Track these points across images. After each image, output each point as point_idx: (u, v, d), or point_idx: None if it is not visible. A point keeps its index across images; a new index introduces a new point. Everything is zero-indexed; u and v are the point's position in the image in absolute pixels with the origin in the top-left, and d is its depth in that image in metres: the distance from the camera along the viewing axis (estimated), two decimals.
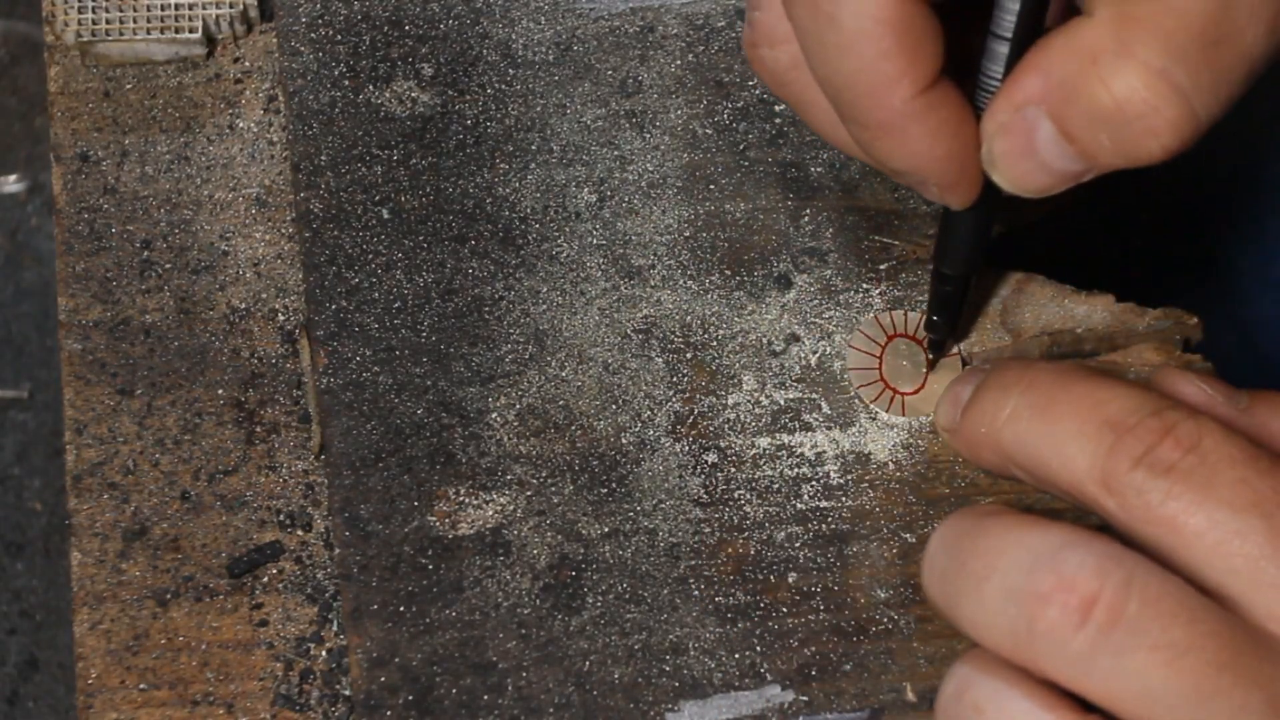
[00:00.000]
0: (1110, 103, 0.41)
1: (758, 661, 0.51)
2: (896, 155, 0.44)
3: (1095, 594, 0.38)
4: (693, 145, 0.59)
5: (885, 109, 0.43)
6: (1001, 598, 0.39)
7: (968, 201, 0.46)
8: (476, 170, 0.58)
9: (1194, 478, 0.39)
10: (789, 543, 0.53)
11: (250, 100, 0.61)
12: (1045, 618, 0.38)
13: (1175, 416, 0.40)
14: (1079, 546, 0.39)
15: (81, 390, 0.56)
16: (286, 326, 0.57)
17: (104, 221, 0.59)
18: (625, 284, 0.57)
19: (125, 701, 0.52)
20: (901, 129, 0.43)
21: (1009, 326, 0.56)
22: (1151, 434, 0.40)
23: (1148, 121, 0.41)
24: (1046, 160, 0.44)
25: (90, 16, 0.60)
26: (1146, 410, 0.40)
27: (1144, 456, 0.40)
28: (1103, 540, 0.39)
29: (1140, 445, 0.40)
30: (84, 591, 0.53)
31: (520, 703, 0.51)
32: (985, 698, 0.40)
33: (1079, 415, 0.41)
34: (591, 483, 0.54)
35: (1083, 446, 0.41)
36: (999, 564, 0.40)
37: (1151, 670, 0.37)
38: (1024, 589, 0.39)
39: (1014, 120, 0.43)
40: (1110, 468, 0.40)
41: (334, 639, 0.53)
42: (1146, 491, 0.39)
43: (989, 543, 0.40)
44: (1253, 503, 0.39)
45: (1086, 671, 0.38)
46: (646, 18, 0.61)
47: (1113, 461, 0.40)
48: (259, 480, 0.55)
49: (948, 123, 0.44)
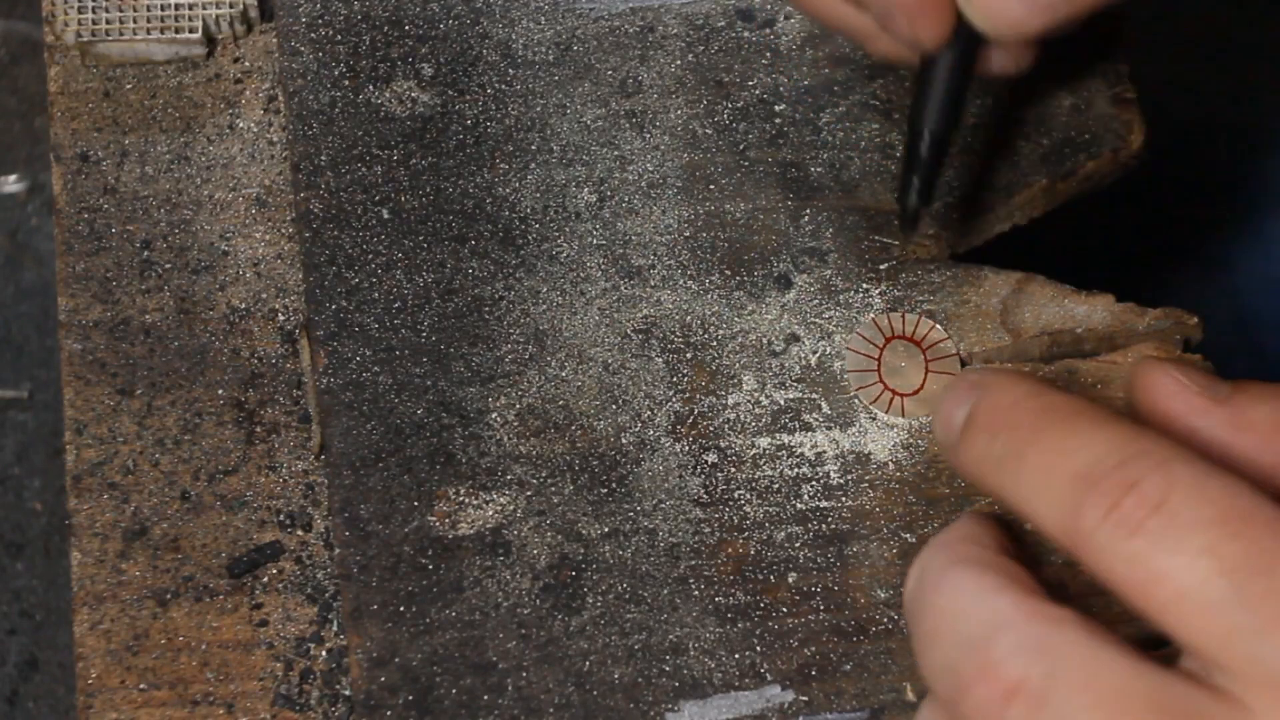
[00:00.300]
0: None
1: (758, 661, 0.51)
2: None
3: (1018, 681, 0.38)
4: (693, 145, 0.59)
5: None
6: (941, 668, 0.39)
7: (939, 33, 0.45)
8: (476, 170, 0.58)
9: (1160, 541, 0.38)
10: (789, 543, 0.53)
11: (250, 100, 0.61)
12: (971, 699, 0.38)
13: (1142, 467, 0.39)
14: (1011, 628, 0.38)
15: (81, 390, 0.56)
16: (286, 326, 0.57)
17: (104, 221, 0.59)
18: (625, 284, 0.57)
19: (125, 701, 0.52)
20: None
21: (1009, 326, 0.56)
22: (1117, 489, 0.39)
23: None
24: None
25: (90, 16, 0.60)
26: (1113, 461, 0.39)
27: (1110, 513, 0.39)
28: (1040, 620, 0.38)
29: (1106, 501, 0.39)
30: (84, 591, 0.53)
31: (520, 703, 0.51)
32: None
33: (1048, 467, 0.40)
34: (591, 483, 0.54)
35: (1052, 502, 0.40)
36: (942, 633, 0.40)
37: None
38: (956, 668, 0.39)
39: None
40: (1076, 525, 0.39)
41: (334, 639, 0.53)
42: (1111, 554, 0.38)
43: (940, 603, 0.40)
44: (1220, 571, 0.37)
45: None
46: (646, 18, 0.61)
47: (1078, 519, 0.39)
48: (259, 480, 0.55)
49: None
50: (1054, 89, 0.60)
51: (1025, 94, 0.60)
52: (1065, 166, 0.59)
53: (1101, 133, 0.59)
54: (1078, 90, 0.60)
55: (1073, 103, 0.60)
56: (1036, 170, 0.59)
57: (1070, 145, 0.59)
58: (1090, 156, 0.59)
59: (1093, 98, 0.60)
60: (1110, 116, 0.60)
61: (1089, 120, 0.59)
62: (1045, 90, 0.60)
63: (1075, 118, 0.60)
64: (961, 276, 0.57)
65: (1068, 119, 0.60)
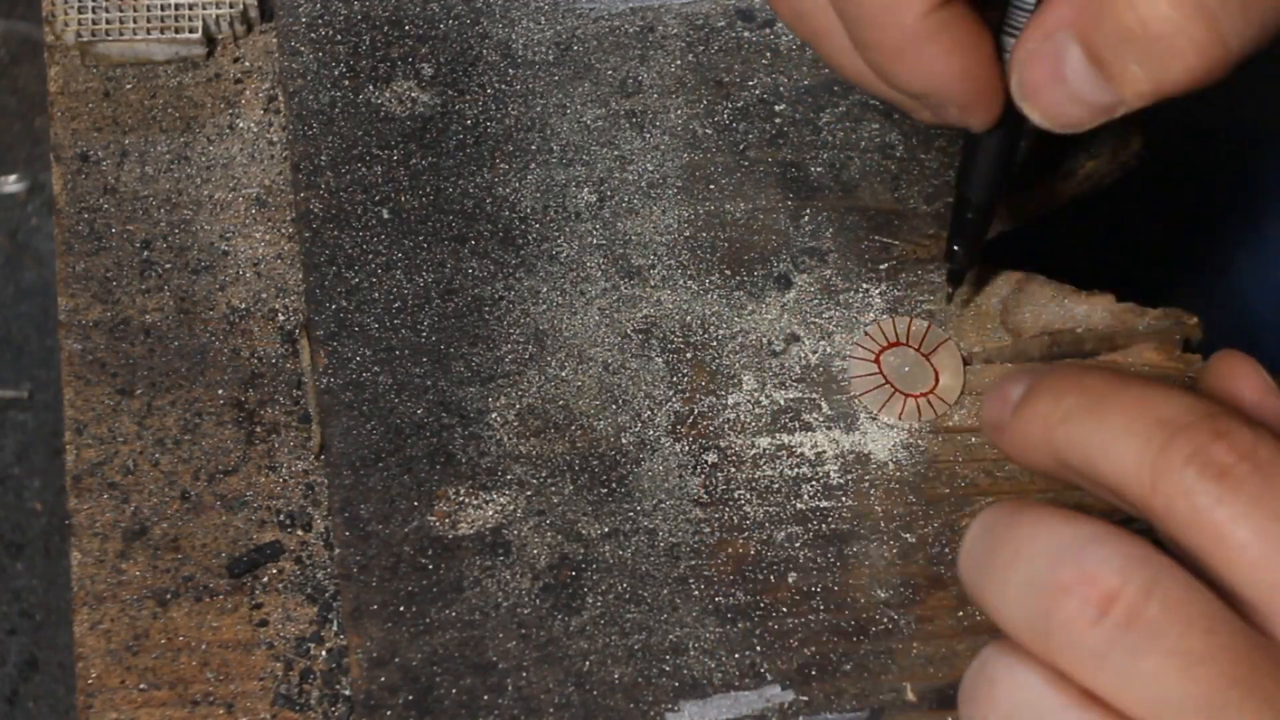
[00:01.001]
0: (1136, 23, 0.41)
1: (758, 661, 0.51)
2: (913, 76, 0.44)
3: (1116, 591, 0.38)
4: (693, 145, 0.59)
5: (898, 28, 0.43)
6: (1024, 586, 0.39)
7: (988, 122, 0.46)
8: (476, 170, 0.58)
9: (1246, 486, 0.38)
10: (789, 543, 0.53)
11: (250, 100, 0.61)
12: (1063, 609, 0.38)
13: (1231, 422, 0.39)
14: (1106, 543, 0.38)
15: (81, 390, 0.56)
16: (286, 326, 0.57)
17: (104, 221, 0.59)
18: (625, 284, 0.57)
19: (125, 701, 0.52)
20: (916, 49, 0.43)
21: (1009, 326, 0.56)
22: (1205, 434, 0.39)
23: (1173, 42, 0.41)
24: (1076, 89, 0.43)
25: (90, 16, 0.60)
26: (1202, 411, 0.39)
27: (1195, 456, 0.39)
28: (1132, 539, 0.38)
29: (1192, 444, 0.39)
30: (84, 591, 0.53)
31: (520, 703, 0.51)
32: (1001, 672, 0.40)
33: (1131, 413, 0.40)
34: (591, 483, 0.54)
35: (1132, 443, 0.40)
36: (1026, 552, 0.39)
37: (1164, 675, 0.37)
38: (1046, 579, 0.38)
39: (1043, 47, 0.43)
40: (1160, 465, 0.39)
41: (334, 639, 0.53)
42: (1195, 494, 0.38)
43: (1019, 531, 0.40)
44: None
45: (1099, 667, 0.38)
46: (646, 18, 0.61)
47: (1163, 458, 0.39)
48: (259, 480, 0.55)
49: (962, 40, 0.44)
50: None
51: None
52: (1065, 166, 0.59)
53: (1101, 133, 0.59)
54: None
55: None
56: (1037, 170, 0.59)
57: (1070, 145, 0.59)
58: (1090, 156, 0.59)
59: None
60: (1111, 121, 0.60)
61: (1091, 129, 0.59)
62: None
63: None
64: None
65: None
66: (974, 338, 0.56)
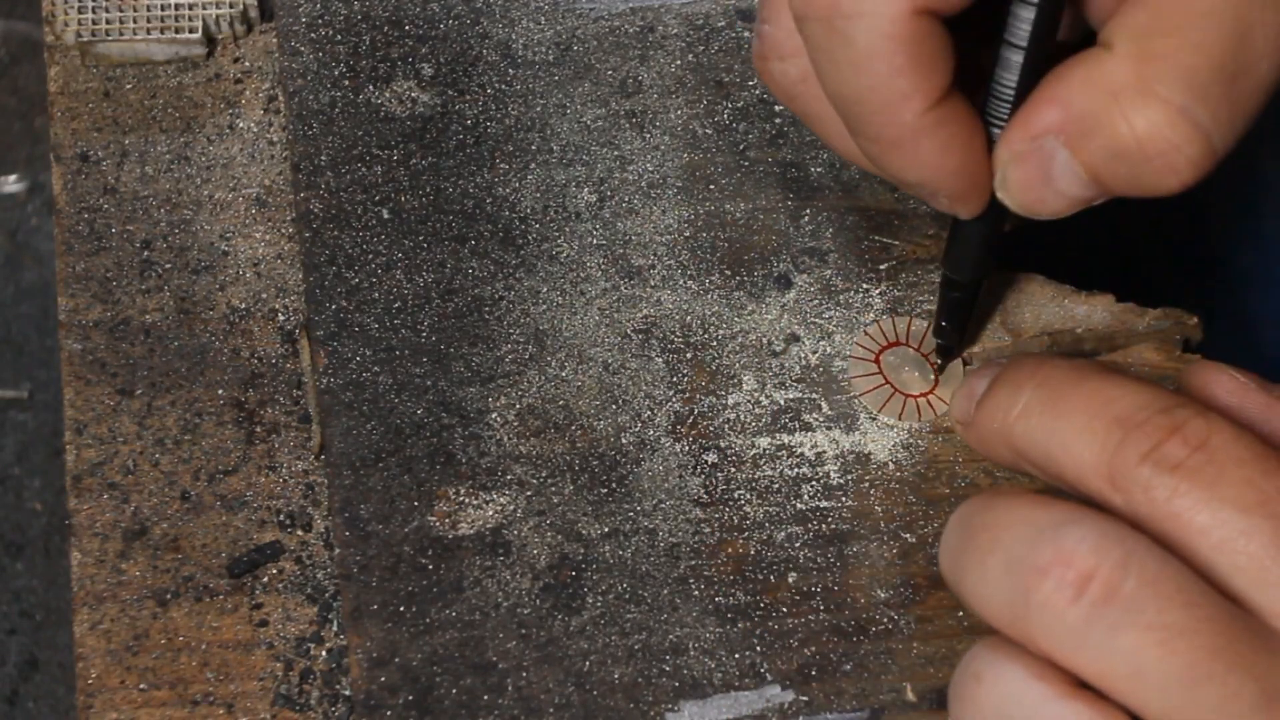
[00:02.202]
0: (1132, 140, 0.41)
1: (758, 661, 0.51)
2: (908, 169, 0.45)
3: (1092, 569, 0.38)
4: (693, 145, 0.59)
5: (897, 125, 0.43)
6: (1002, 571, 0.39)
7: (977, 211, 0.47)
8: (476, 170, 0.58)
9: (1201, 475, 0.39)
10: (789, 543, 0.53)
11: (250, 100, 0.61)
12: (1041, 590, 0.38)
13: (1184, 414, 0.40)
14: (1081, 523, 0.39)
15: (81, 390, 0.56)
16: (286, 326, 0.57)
17: (104, 221, 0.59)
18: (625, 284, 0.57)
19: (125, 701, 0.52)
20: (913, 144, 0.44)
21: (1009, 326, 0.56)
22: (1160, 430, 0.40)
23: (1169, 159, 0.41)
24: (1061, 188, 0.44)
25: (90, 16, 0.60)
26: (1156, 407, 0.40)
27: (1151, 453, 0.40)
28: (1106, 519, 0.39)
29: (1148, 441, 0.40)
30: (84, 591, 0.53)
31: (520, 703, 0.51)
32: (985, 666, 0.40)
33: (1088, 411, 0.41)
34: (591, 483, 0.54)
35: (1090, 442, 0.41)
36: (1002, 538, 0.40)
37: (1144, 650, 0.37)
38: (1023, 562, 0.39)
39: (1031, 149, 0.44)
40: (1117, 463, 0.40)
41: (334, 639, 0.53)
42: (1153, 487, 0.39)
43: (995, 517, 0.40)
44: (1259, 502, 0.38)
45: (1079, 647, 0.38)
46: (646, 18, 0.61)
47: (1120, 457, 0.40)
48: (259, 480, 0.55)
49: (958, 136, 0.44)
50: None
51: None
52: None
53: None
54: None
55: None
56: None
57: None
58: None
59: None
60: None
61: None
62: None
63: None
64: None
65: None
66: None
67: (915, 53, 0.42)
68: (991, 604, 0.40)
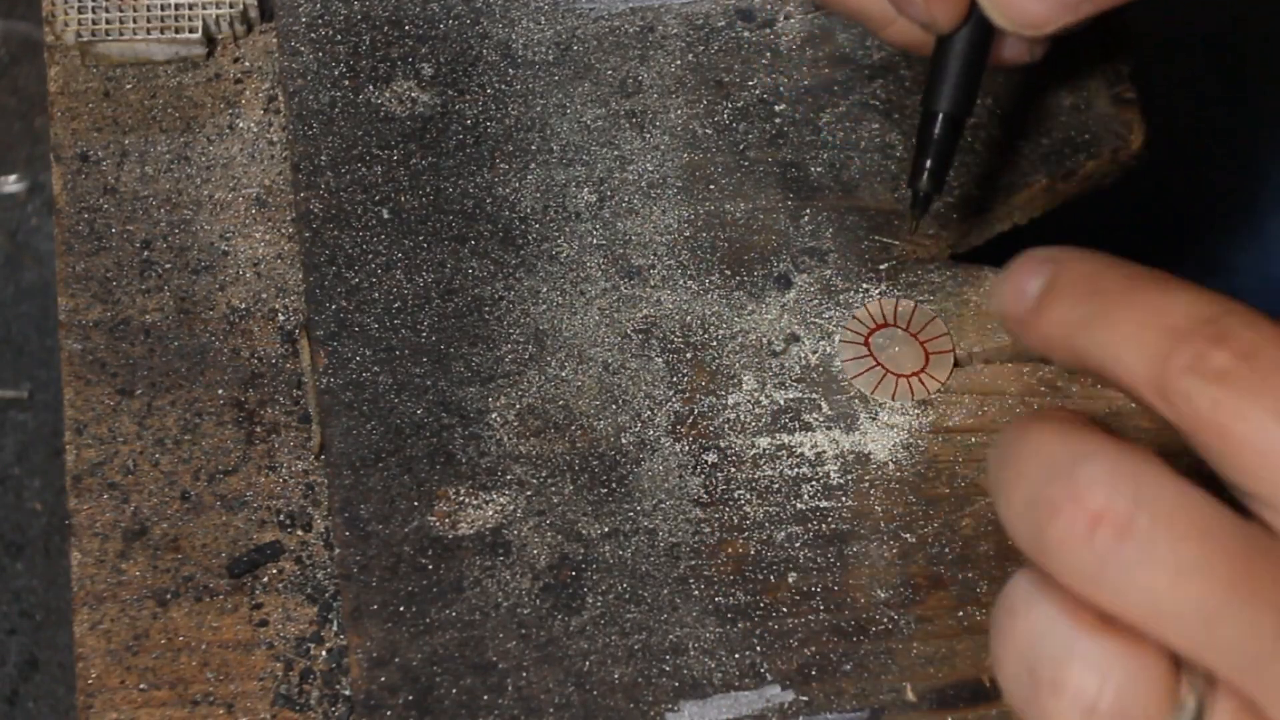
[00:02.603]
0: None
1: (758, 661, 0.51)
2: None
3: (1104, 507, 0.38)
4: (693, 145, 0.59)
5: None
6: (1023, 504, 0.39)
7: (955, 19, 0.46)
8: (476, 170, 0.58)
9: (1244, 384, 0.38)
10: (789, 543, 0.53)
11: (250, 100, 0.61)
12: (1055, 528, 0.38)
13: (1233, 322, 0.40)
14: (1095, 458, 0.38)
15: (81, 390, 0.56)
16: (286, 326, 0.57)
17: (104, 221, 0.59)
18: (625, 284, 0.57)
19: (125, 701, 0.52)
20: None
21: None
22: (1206, 340, 0.39)
23: None
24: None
25: (90, 16, 0.60)
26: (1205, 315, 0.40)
27: (1197, 362, 0.39)
28: (1124, 451, 0.39)
29: (1194, 351, 0.39)
30: (84, 591, 0.53)
31: (520, 703, 0.51)
32: (1018, 600, 0.40)
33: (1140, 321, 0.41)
34: (591, 483, 0.54)
35: (1140, 354, 0.40)
36: (1025, 472, 0.40)
37: (1158, 585, 0.37)
38: (1039, 498, 0.39)
39: None
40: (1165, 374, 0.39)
41: (334, 639, 0.53)
42: (1195, 397, 0.39)
43: (1021, 450, 0.40)
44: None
45: (1097, 585, 0.38)
46: (646, 18, 0.61)
47: (1167, 368, 0.39)
48: (259, 480, 0.55)
49: None
50: (1054, 89, 0.60)
51: (1025, 94, 0.60)
52: (1065, 166, 0.59)
53: (1101, 133, 0.59)
54: (1078, 90, 0.60)
55: (1073, 103, 0.60)
56: (1036, 170, 0.59)
57: (1070, 145, 0.59)
58: (1090, 156, 0.59)
59: (1093, 98, 0.60)
60: (1110, 116, 0.60)
61: (1089, 120, 0.59)
62: (1045, 90, 0.60)
63: (1075, 118, 0.60)
64: (961, 276, 0.57)
65: (1068, 119, 0.60)
66: (974, 338, 0.56)
67: None
68: (1019, 539, 0.40)
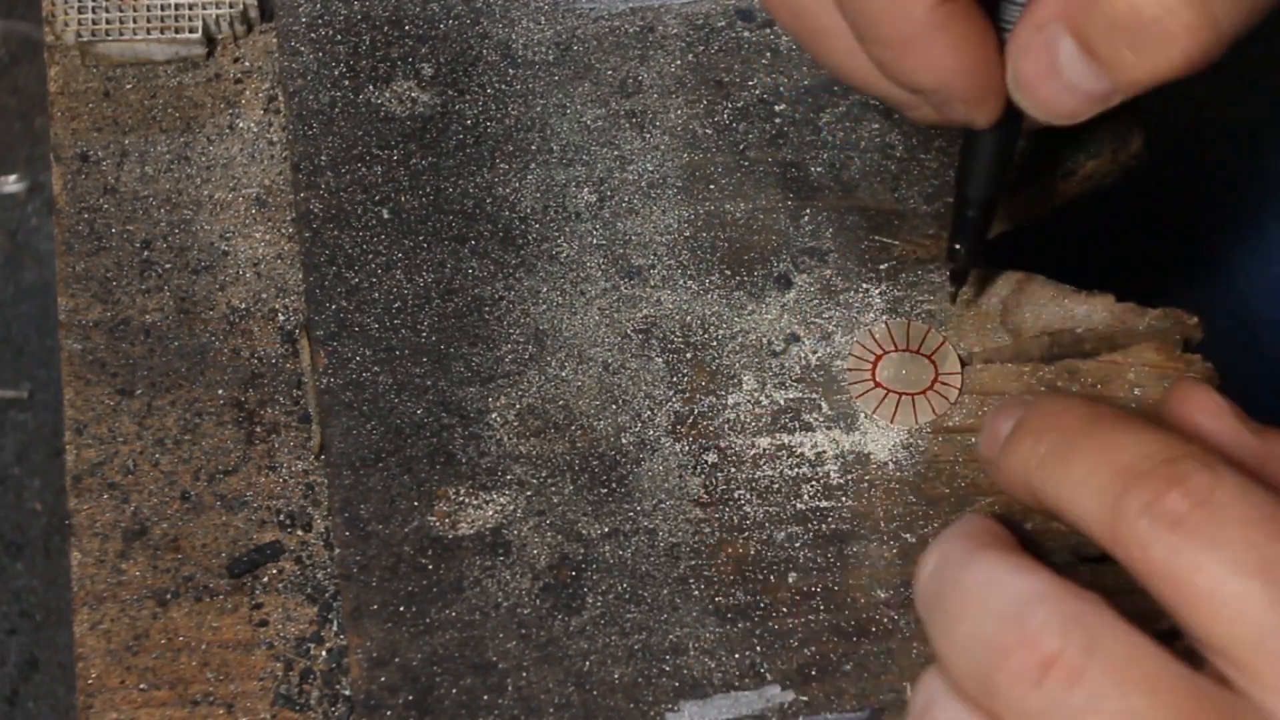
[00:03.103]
0: (1127, 9, 0.41)
1: (758, 661, 0.51)
2: (921, 70, 0.44)
3: (1055, 653, 0.37)
4: (693, 145, 0.59)
5: (908, 21, 0.43)
6: (969, 640, 0.39)
7: (993, 118, 0.46)
8: (476, 170, 0.58)
9: (1200, 534, 0.38)
10: (789, 543, 0.53)
11: (250, 100, 0.61)
12: (1005, 670, 0.38)
13: (1190, 466, 0.39)
14: (1048, 601, 0.38)
15: (81, 390, 0.56)
16: (286, 326, 0.57)
17: (104, 221, 0.59)
18: (625, 284, 0.57)
19: (125, 701, 0.52)
20: (925, 42, 0.43)
21: (1009, 326, 0.56)
22: (1161, 482, 0.39)
23: (1164, 25, 0.41)
24: (1071, 80, 0.43)
25: (90, 16, 0.60)
26: (1160, 456, 0.39)
27: (1151, 505, 0.38)
28: (1076, 597, 0.38)
29: (1149, 493, 0.39)
30: (84, 591, 0.53)
31: (520, 703, 0.51)
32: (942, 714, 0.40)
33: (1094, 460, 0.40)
34: (591, 483, 0.54)
35: (1094, 494, 0.40)
36: (971, 608, 0.39)
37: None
38: (989, 638, 0.38)
39: (1035, 39, 0.43)
40: (1117, 516, 0.39)
41: (334, 639, 0.53)
42: (1151, 544, 0.38)
43: (969, 580, 0.40)
44: (1260, 567, 0.37)
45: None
46: (646, 18, 0.61)
47: (1119, 510, 0.39)
48: (259, 480, 0.55)
49: (970, 33, 0.44)
50: None
51: None
52: (1065, 166, 0.59)
53: (1101, 133, 0.59)
54: None
55: None
56: (1036, 170, 0.59)
57: (1070, 145, 0.59)
58: (1090, 156, 0.59)
59: None
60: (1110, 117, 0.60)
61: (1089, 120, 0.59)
62: None
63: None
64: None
65: None
66: (974, 338, 0.56)
67: None
68: (959, 669, 0.39)
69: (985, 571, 0.40)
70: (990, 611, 0.39)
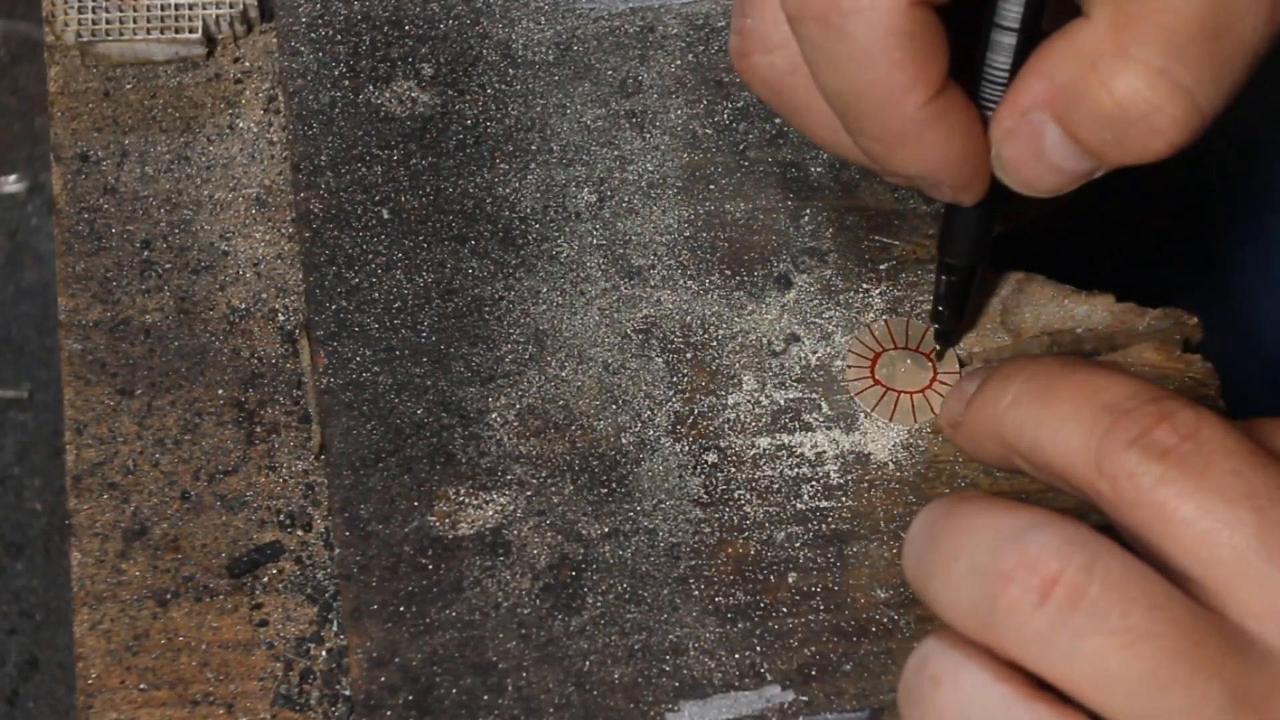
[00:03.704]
0: (1113, 105, 0.41)
1: (758, 661, 0.51)
2: (911, 163, 0.45)
3: (1056, 574, 0.38)
4: (693, 145, 0.59)
5: (899, 119, 0.43)
6: (967, 576, 0.39)
7: (980, 197, 0.47)
8: (476, 170, 0.58)
9: (1188, 464, 0.39)
10: (789, 543, 0.53)
11: (250, 100, 0.61)
12: (1006, 596, 0.38)
13: (1174, 405, 0.40)
14: (1045, 528, 0.39)
15: (81, 390, 0.56)
16: (286, 326, 0.57)
17: (104, 221, 0.59)
18: (625, 284, 0.57)
19: (125, 701, 0.52)
20: (916, 137, 0.44)
21: (1009, 326, 0.56)
22: (1149, 418, 0.40)
23: (1151, 120, 0.41)
24: (1055, 161, 0.44)
25: (90, 16, 0.60)
26: (1146, 396, 0.40)
27: (1139, 439, 0.39)
28: (1071, 523, 0.39)
29: (1136, 428, 0.40)
30: (84, 591, 0.53)
31: (520, 703, 0.51)
32: (943, 669, 0.40)
33: (1077, 399, 0.41)
34: (591, 483, 0.54)
35: (1078, 429, 0.41)
36: (967, 543, 0.40)
37: (1108, 654, 0.37)
38: (988, 567, 0.39)
39: (1020, 125, 0.43)
40: (1104, 449, 0.40)
41: (334, 639, 0.53)
42: (1139, 474, 0.39)
43: (960, 523, 0.40)
44: (1245, 494, 0.38)
45: (1044, 652, 0.38)
46: (646, 18, 0.61)
47: (1107, 443, 0.40)
48: (259, 480, 0.55)
49: (959, 125, 0.44)
50: None
51: None
52: None
53: None
54: None
55: None
56: None
57: None
58: None
59: None
60: None
61: None
62: None
63: None
64: None
65: None
66: (974, 338, 0.56)
67: (914, 45, 0.42)
68: (957, 609, 0.40)
69: (977, 511, 0.40)
70: (987, 542, 0.39)
